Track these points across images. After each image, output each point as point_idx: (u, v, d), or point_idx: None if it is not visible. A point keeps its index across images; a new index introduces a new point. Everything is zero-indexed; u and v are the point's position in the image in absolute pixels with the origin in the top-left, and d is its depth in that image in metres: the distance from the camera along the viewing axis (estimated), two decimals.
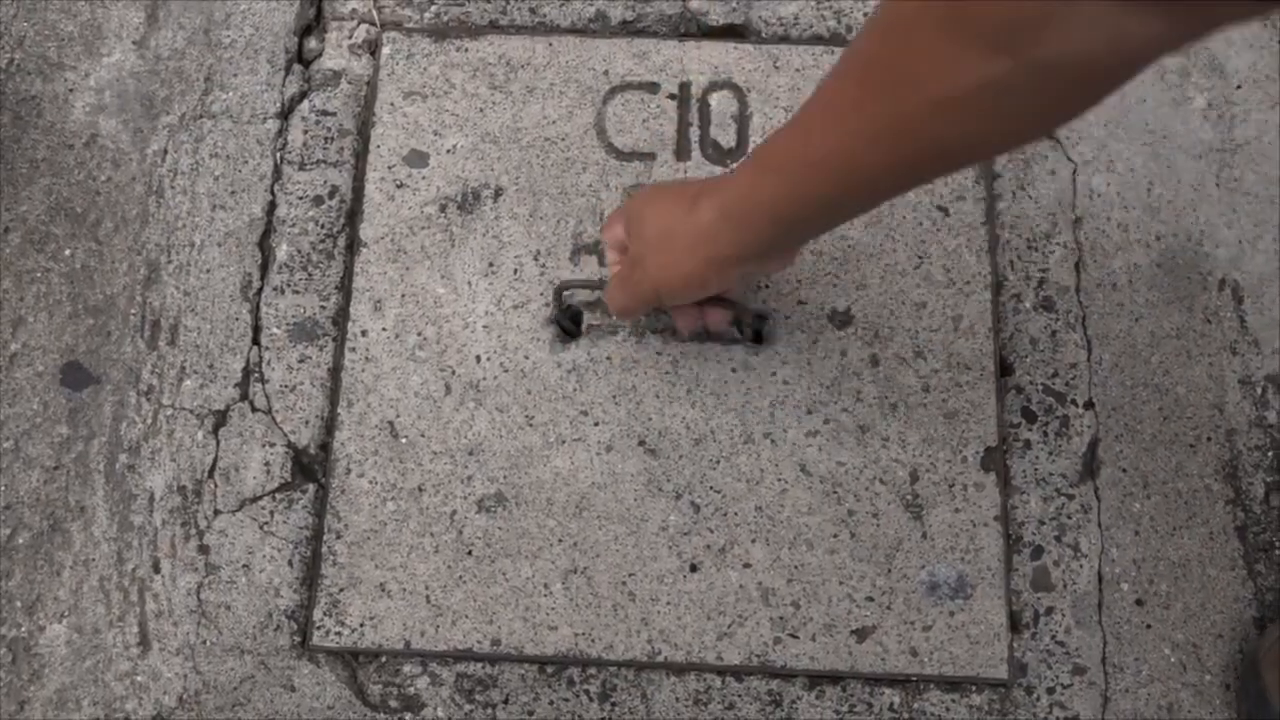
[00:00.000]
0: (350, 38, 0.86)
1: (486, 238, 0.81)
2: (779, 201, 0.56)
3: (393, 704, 0.74)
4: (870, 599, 0.74)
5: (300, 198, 0.82)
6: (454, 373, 0.78)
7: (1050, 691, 0.74)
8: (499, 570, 0.75)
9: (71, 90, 0.86)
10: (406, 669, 0.75)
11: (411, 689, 0.74)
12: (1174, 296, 0.81)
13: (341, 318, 0.81)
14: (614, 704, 0.74)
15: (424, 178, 0.82)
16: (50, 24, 0.87)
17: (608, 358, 0.79)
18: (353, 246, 0.81)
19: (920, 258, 0.80)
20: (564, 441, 0.77)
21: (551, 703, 0.74)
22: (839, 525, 0.75)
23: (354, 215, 0.83)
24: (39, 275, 0.82)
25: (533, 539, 0.75)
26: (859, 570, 0.75)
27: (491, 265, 0.80)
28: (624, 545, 0.75)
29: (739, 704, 0.74)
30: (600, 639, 0.74)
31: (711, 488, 0.76)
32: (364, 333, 0.79)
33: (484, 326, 0.79)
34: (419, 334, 0.79)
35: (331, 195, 0.83)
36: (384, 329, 0.79)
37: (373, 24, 0.87)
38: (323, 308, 0.80)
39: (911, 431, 0.77)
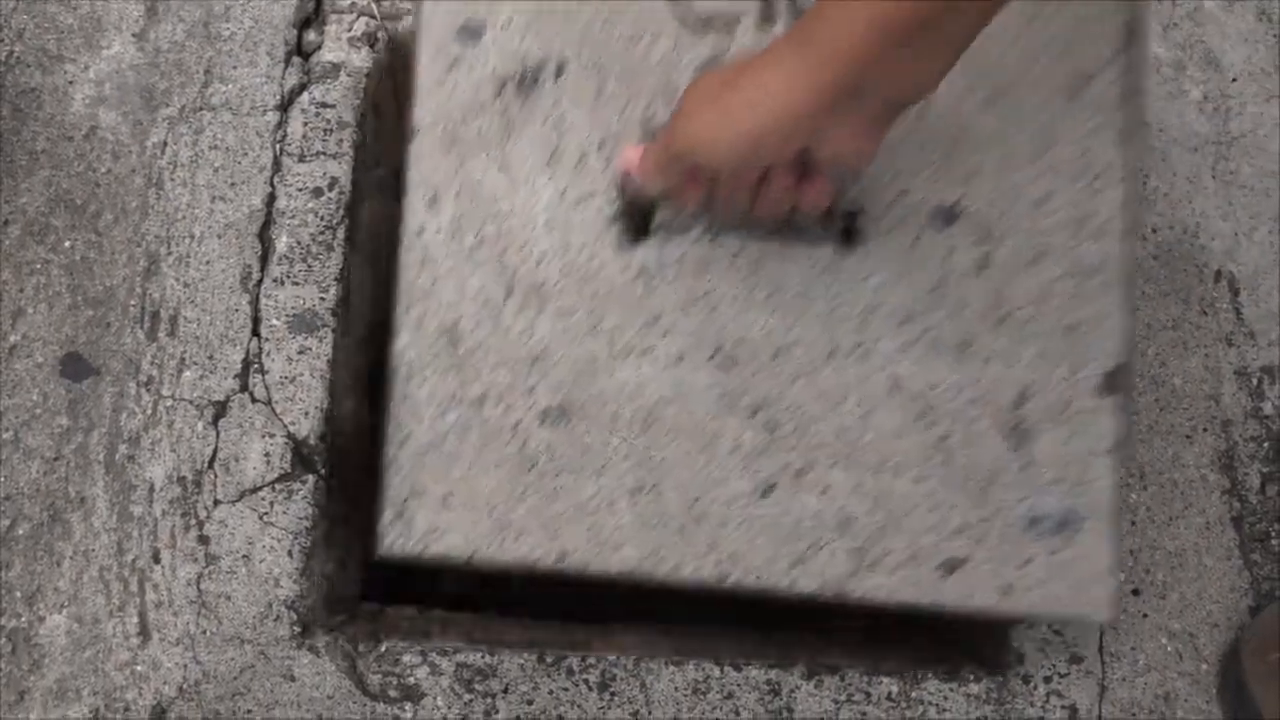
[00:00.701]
0: (350, 30, 0.86)
1: (547, 125, 0.73)
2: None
3: (392, 694, 0.74)
4: (961, 531, 0.68)
5: (300, 189, 0.83)
6: (515, 275, 0.72)
7: (1047, 680, 0.74)
8: (563, 486, 0.70)
9: (71, 83, 0.86)
10: (406, 659, 0.75)
11: (411, 679, 0.74)
12: (1170, 288, 0.82)
13: (342, 308, 0.81)
14: (613, 693, 0.74)
15: (478, 55, 0.74)
16: (50, 17, 0.87)
17: (680, 259, 0.71)
18: (403, 137, 0.75)
19: (1044, 145, 0.70)
20: (631, 351, 0.71)
21: (551, 692, 0.74)
22: (930, 450, 0.69)
23: (353, 206, 0.83)
24: (39, 267, 0.82)
25: (598, 454, 0.71)
26: (950, 500, 0.69)
27: (553, 155, 0.73)
28: (694, 464, 0.70)
29: (737, 693, 0.74)
30: (668, 559, 0.70)
31: (790, 405, 0.70)
32: (420, 231, 0.73)
33: (545, 224, 0.72)
34: (477, 233, 0.72)
35: (331, 187, 0.83)
36: (439, 229, 0.73)
37: (372, 17, 0.87)
38: (322, 299, 0.81)
39: (1022, 347, 0.69)
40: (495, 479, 0.71)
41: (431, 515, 0.71)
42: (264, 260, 0.82)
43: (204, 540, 0.77)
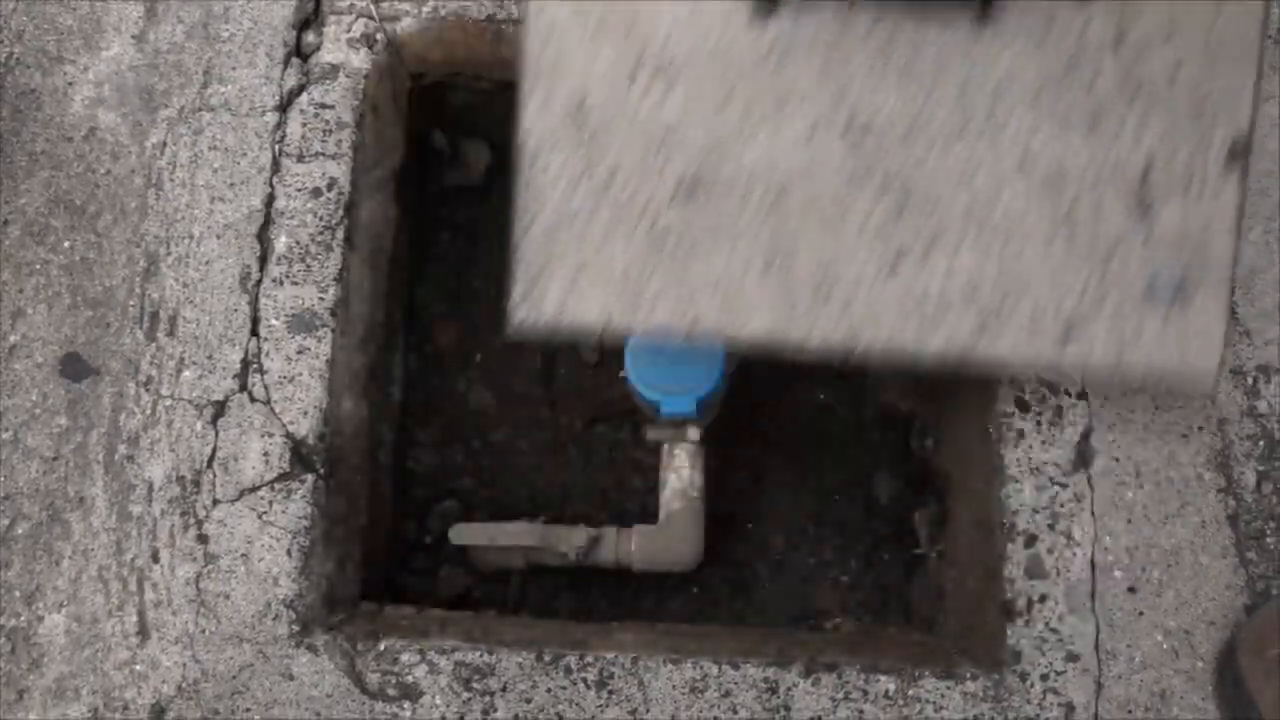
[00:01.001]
0: (348, 31, 0.87)
1: None
2: None
3: (391, 692, 0.74)
4: (1081, 298, 0.70)
5: (299, 190, 0.83)
6: (642, 51, 0.71)
7: (1044, 678, 0.75)
8: (695, 259, 0.71)
9: (71, 84, 0.86)
10: (405, 657, 0.75)
11: (410, 677, 0.75)
12: None
13: (341, 308, 0.81)
14: (611, 692, 0.74)
15: None
16: (50, 18, 0.88)
17: (813, 33, 0.70)
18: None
19: None
20: (762, 128, 0.71)
21: (549, 690, 0.74)
22: (1057, 223, 0.70)
23: (352, 207, 0.83)
24: (38, 267, 0.83)
25: (729, 230, 0.71)
26: (1073, 268, 0.70)
27: None
28: (824, 237, 0.70)
29: (735, 691, 0.74)
30: (798, 328, 0.70)
31: (920, 180, 0.70)
32: (543, 9, 0.71)
33: None
34: (603, 8, 0.71)
35: (330, 187, 0.83)
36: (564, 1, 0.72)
37: (370, 18, 0.87)
38: (321, 299, 0.81)
39: (1151, 122, 0.70)
40: (626, 254, 0.71)
41: (562, 289, 0.71)
42: (263, 260, 0.82)
43: (203, 539, 0.77)
